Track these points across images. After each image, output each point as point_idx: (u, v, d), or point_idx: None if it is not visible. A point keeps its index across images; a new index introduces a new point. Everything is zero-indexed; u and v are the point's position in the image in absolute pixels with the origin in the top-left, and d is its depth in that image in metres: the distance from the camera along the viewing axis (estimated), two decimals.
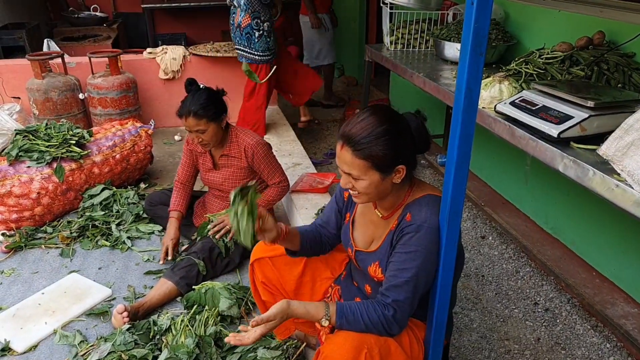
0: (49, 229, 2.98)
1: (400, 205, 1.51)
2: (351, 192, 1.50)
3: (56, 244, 2.86)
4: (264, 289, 1.89)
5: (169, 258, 2.60)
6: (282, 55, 4.14)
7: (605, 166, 1.74)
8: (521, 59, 2.57)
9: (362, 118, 1.42)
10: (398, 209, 1.52)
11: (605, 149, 1.74)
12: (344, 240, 1.70)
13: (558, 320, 2.47)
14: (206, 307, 2.26)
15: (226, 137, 2.62)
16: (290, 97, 4.47)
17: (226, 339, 1.50)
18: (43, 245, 2.85)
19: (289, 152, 3.75)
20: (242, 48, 3.81)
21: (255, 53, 3.74)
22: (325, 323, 1.45)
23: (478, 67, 1.17)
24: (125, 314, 2.17)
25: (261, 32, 3.65)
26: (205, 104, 2.42)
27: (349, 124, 1.44)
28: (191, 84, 2.50)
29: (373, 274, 1.56)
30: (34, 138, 3.06)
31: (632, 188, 1.59)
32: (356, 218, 1.67)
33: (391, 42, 3.64)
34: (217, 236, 2.56)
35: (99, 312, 2.33)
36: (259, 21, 3.62)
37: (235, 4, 3.74)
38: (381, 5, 3.67)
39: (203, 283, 2.38)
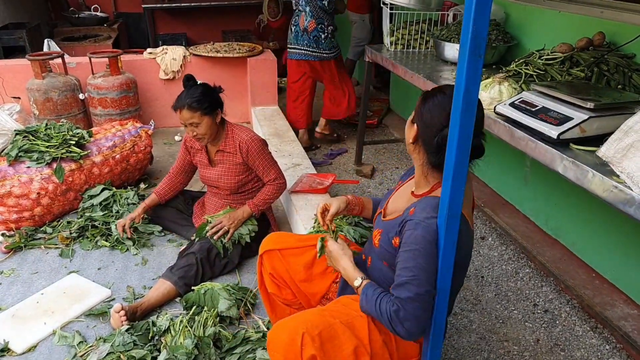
0: (49, 230, 2.98)
1: (427, 192, 1.53)
2: None
3: (56, 245, 2.86)
4: (270, 281, 1.94)
5: (121, 231, 2.78)
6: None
7: (604, 168, 1.73)
8: (521, 60, 2.57)
9: (445, 87, 1.50)
10: (423, 195, 1.53)
11: (605, 151, 1.74)
12: (382, 199, 1.77)
13: (557, 322, 2.47)
14: (205, 308, 2.26)
15: (222, 133, 2.64)
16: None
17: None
18: (42, 246, 2.85)
19: (289, 153, 3.74)
20: (309, 49, 4.23)
21: (324, 52, 4.24)
22: (358, 282, 1.54)
23: (477, 69, 1.16)
24: (122, 312, 2.17)
25: (326, 34, 4.18)
26: (200, 97, 2.47)
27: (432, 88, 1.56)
28: (189, 80, 2.55)
29: (374, 238, 1.62)
30: (33, 138, 3.06)
31: (632, 190, 1.59)
32: (402, 188, 1.71)
33: (391, 43, 3.64)
34: (214, 237, 2.56)
35: (98, 313, 2.33)
36: (323, 26, 4.15)
37: (301, 9, 4.17)
38: (381, 5, 3.67)
39: (202, 284, 2.38)
